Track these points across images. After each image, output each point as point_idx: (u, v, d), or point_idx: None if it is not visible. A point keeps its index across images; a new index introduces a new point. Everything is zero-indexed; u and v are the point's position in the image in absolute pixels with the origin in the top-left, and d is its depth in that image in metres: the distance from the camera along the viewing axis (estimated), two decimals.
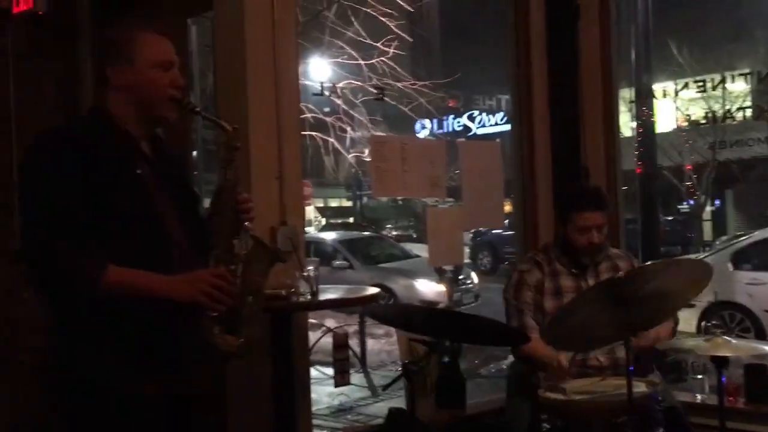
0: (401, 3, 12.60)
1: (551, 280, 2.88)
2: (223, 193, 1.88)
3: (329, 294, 2.96)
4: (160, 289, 1.72)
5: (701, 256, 9.79)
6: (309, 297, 2.75)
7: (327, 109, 13.11)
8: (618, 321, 2.21)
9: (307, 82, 10.83)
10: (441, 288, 10.25)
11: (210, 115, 1.96)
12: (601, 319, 2.23)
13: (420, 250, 13.16)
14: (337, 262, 11.15)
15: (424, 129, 19.23)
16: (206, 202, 2.17)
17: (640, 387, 2.31)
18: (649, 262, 2.53)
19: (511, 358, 3.06)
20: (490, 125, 20.79)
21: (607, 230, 2.90)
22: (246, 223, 1.91)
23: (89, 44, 4.06)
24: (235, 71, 3.10)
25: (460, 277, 10.83)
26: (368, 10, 12.52)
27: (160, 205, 1.84)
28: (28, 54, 3.87)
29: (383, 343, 8.48)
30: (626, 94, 9.32)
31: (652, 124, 8.28)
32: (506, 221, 6.41)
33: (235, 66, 3.10)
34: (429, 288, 10.30)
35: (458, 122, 21.02)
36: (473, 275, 11.35)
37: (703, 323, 7.54)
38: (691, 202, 18.65)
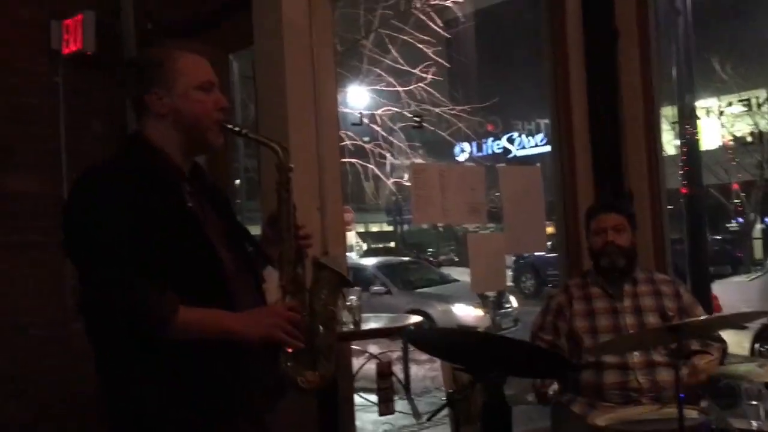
0: (438, 29, 12.69)
1: (583, 303, 2.86)
2: (281, 219, 1.74)
3: (372, 323, 2.97)
4: (231, 327, 1.61)
5: (752, 276, 9.53)
6: (352, 326, 2.76)
7: (366, 138, 13.21)
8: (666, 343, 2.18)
9: (345, 110, 10.95)
10: (479, 312, 10.15)
11: (259, 136, 1.82)
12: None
13: (459, 274, 13.11)
14: (375, 288, 11.13)
15: (463, 152, 19.23)
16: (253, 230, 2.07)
17: (691, 415, 2.25)
18: (708, 317, 2.51)
19: (556, 385, 3.02)
20: (530, 147, 20.70)
21: (630, 238, 2.85)
22: (306, 250, 1.77)
23: None
24: (275, 103, 3.16)
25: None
26: (405, 38, 12.65)
27: (211, 236, 1.71)
28: (77, 91, 4.02)
29: (427, 369, 8.42)
30: (669, 112, 9.19)
31: (696, 143, 8.11)
32: (549, 243, 6.35)
33: (276, 98, 3.16)
34: (467, 313, 10.22)
35: (497, 144, 20.97)
36: (512, 299, 11.23)
37: (756, 345, 7.31)
38: (740, 220, 18.22)
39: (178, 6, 3.99)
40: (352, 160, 12.58)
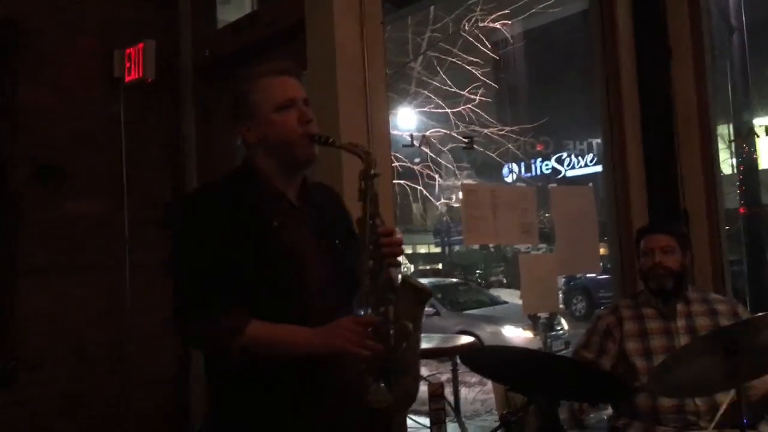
0: (486, 51, 12.72)
1: (635, 323, 2.81)
2: (361, 227, 1.71)
3: (423, 343, 2.96)
4: (301, 342, 1.63)
5: None
6: None
7: (417, 160, 13.26)
8: (726, 370, 2.11)
9: (395, 132, 11.03)
10: (529, 335, 10.03)
11: (344, 144, 1.80)
12: (709, 368, 2.14)
13: (508, 295, 12.99)
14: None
15: (511, 173, 19.12)
16: None
17: None
18: (760, 314, 2.40)
19: (610, 409, 2.96)
20: (580, 167, 20.45)
21: (680, 259, 2.78)
22: (392, 259, 1.70)
23: (192, 108, 4.31)
24: (328, 126, 3.20)
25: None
26: (454, 60, 12.71)
27: (301, 253, 1.74)
28: (137, 119, 4.16)
29: (477, 392, 8.33)
30: (725, 130, 8.98)
31: (754, 162, 7.92)
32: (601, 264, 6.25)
33: (329, 121, 3.20)
34: (516, 334, 10.10)
35: (546, 165, 20.78)
36: (563, 321, 11.04)
37: None
38: None
39: (234, 33, 4.10)
40: (401, 181, 12.64)
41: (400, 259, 1.83)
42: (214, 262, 1.66)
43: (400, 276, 1.68)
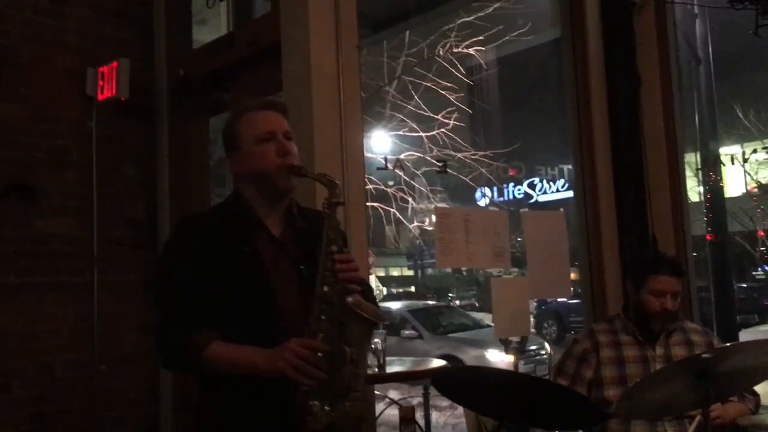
0: (460, 76, 12.87)
1: (612, 350, 2.80)
2: (319, 254, 1.78)
3: (396, 366, 2.96)
4: (256, 362, 1.72)
5: None
6: (376, 370, 2.75)
7: (391, 183, 13.31)
8: (695, 393, 2.15)
9: (369, 155, 11.07)
10: (512, 358, 10.00)
11: (314, 174, 1.88)
12: (679, 391, 2.17)
13: (489, 319, 12.96)
14: (406, 332, 10.95)
15: (484, 197, 19.26)
16: None
17: None
18: (732, 343, 2.44)
19: None
20: (552, 192, 20.67)
21: (679, 301, 2.83)
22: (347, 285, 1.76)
23: (167, 126, 4.30)
24: (303, 148, 3.19)
25: (533, 347, 10.52)
26: (428, 84, 12.83)
27: (275, 280, 1.83)
28: (110, 136, 4.13)
29: (448, 416, 8.30)
30: (692, 159, 9.18)
31: (720, 190, 8.10)
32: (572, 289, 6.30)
33: (304, 143, 3.20)
34: (500, 358, 10.02)
35: (519, 190, 20.98)
36: (546, 345, 10.92)
37: None
38: (766, 268, 17.93)
39: (210, 54, 4.11)
40: (375, 204, 12.67)
41: (373, 280, 1.85)
42: (190, 286, 1.79)
43: (350, 302, 1.71)
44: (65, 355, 3.84)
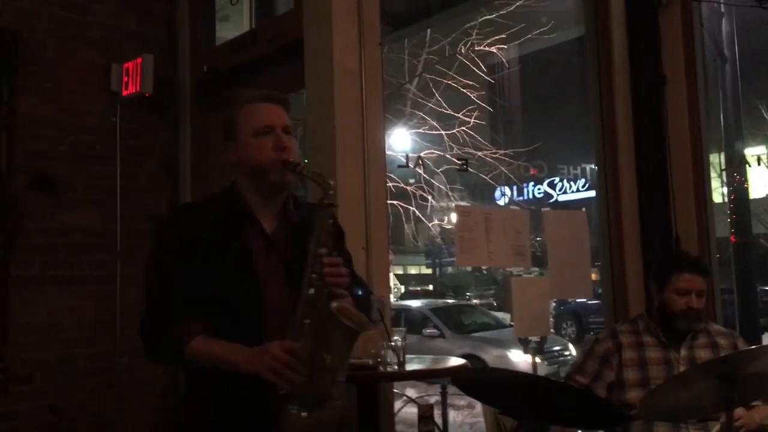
0: (482, 75, 12.82)
1: (634, 351, 2.76)
2: (310, 255, 1.75)
3: (415, 364, 2.95)
4: (236, 361, 1.71)
5: None
6: (396, 367, 2.75)
7: (411, 180, 13.29)
8: (719, 396, 2.12)
9: (389, 153, 11.06)
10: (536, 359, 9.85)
11: (310, 173, 1.83)
12: (702, 394, 2.15)
13: (509, 318, 12.85)
14: (428, 331, 10.82)
15: (503, 196, 19.18)
16: None
17: None
18: (758, 345, 2.40)
19: None
20: (572, 192, 20.53)
21: (704, 300, 2.79)
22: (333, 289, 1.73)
23: (189, 121, 4.33)
24: (325, 145, 3.23)
25: (557, 348, 10.40)
26: (449, 82, 12.80)
27: (263, 276, 1.80)
28: (134, 131, 4.17)
29: (466, 415, 8.29)
30: (716, 159, 9.06)
31: (745, 191, 7.99)
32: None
33: (326, 140, 3.22)
34: (522, 359, 9.91)
35: (539, 189, 20.86)
36: (570, 346, 10.68)
37: None
38: None
39: (232, 50, 4.13)
40: (394, 201, 12.67)
41: (391, 278, 1.82)
42: (176, 277, 1.78)
43: (334, 308, 1.68)
44: (87, 348, 3.88)
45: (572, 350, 10.73)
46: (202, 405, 1.81)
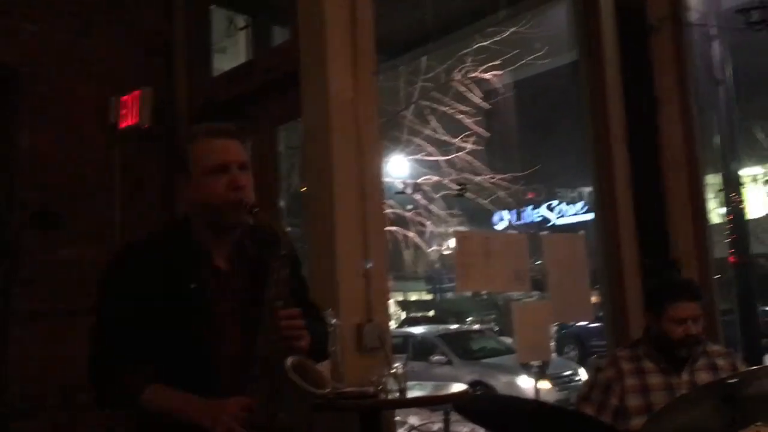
0: (477, 100, 12.92)
1: (635, 378, 2.75)
2: (265, 309, 1.66)
3: (417, 391, 2.94)
4: (190, 416, 1.63)
5: None
6: (397, 394, 2.74)
7: (409, 207, 13.32)
8: (721, 418, 2.11)
9: (387, 179, 11.11)
10: (546, 385, 9.65)
11: (262, 220, 1.73)
12: (704, 416, 2.14)
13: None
14: (436, 357, 10.66)
15: (502, 221, 19.20)
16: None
17: None
18: (759, 366, 2.40)
19: None
20: (570, 215, 20.57)
21: (702, 323, 2.79)
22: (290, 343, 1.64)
23: None
24: (322, 173, 3.25)
25: (567, 373, 10.27)
26: (445, 109, 12.89)
27: (219, 318, 1.73)
28: (131, 164, 4.18)
29: None
30: (712, 180, 9.10)
31: (742, 211, 8.01)
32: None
33: (323, 169, 3.24)
34: (531, 385, 9.79)
35: (537, 213, 20.91)
36: (581, 371, 10.34)
37: None
38: None
39: (230, 82, 4.17)
40: (393, 228, 12.68)
41: (391, 304, 1.79)
42: (124, 319, 1.70)
43: (289, 366, 1.60)
44: (85, 381, 3.85)
45: (582, 375, 10.55)
46: None
